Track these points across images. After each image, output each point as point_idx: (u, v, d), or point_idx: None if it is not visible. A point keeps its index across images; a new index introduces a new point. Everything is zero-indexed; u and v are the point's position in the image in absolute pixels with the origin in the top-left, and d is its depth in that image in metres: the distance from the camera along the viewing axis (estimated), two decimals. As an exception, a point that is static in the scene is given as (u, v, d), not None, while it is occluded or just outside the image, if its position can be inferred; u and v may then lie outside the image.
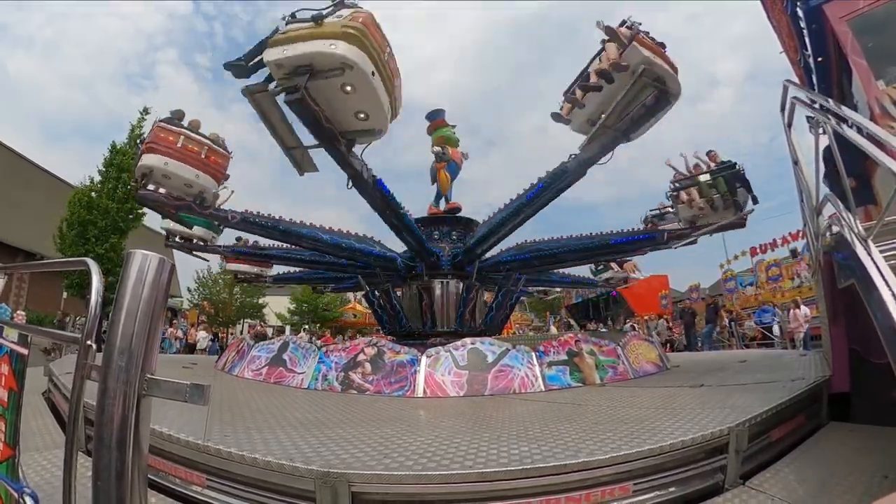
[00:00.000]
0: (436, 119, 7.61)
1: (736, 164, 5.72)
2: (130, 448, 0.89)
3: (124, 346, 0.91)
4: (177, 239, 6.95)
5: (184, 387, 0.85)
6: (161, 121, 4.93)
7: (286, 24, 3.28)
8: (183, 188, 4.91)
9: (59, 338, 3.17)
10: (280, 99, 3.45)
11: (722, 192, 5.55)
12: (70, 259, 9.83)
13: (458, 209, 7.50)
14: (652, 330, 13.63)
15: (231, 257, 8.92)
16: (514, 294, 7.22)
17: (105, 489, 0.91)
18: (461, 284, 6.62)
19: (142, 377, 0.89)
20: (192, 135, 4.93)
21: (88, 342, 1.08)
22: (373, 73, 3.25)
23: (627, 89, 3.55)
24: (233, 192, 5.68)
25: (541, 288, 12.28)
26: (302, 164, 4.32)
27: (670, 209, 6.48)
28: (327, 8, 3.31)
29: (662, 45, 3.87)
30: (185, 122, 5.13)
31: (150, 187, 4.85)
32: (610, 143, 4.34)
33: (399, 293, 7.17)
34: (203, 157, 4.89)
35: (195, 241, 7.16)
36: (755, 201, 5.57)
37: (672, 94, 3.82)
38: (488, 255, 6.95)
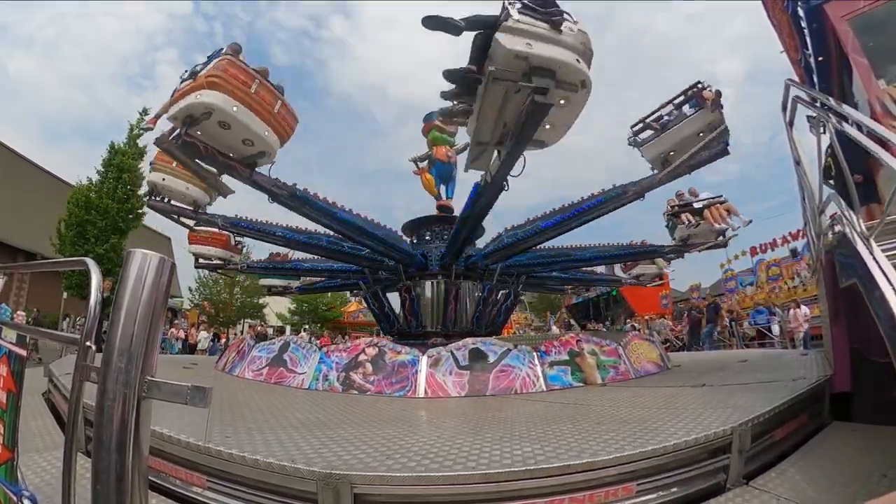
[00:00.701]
0: (431, 120, 7.61)
1: (721, 195, 6.79)
2: (130, 451, 0.88)
3: (124, 348, 0.90)
4: (163, 200, 5.91)
5: (184, 389, 0.84)
6: (228, 54, 4.00)
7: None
8: (239, 145, 4.14)
9: (57, 339, 3.13)
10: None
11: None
12: (69, 259, 9.81)
13: (450, 208, 7.51)
14: (653, 330, 13.62)
15: (199, 237, 7.95)
16: (503, 290, 7.15)
17: (105, 492, 0.90)
18: (444, 284, 6.59)
19: (142, 379, 0.88)
20: (266, 82, 4.14)
21: (87, 343, 1.07)
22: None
23: (486, 96, 3.39)
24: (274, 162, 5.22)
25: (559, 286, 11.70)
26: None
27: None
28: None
29: (557, 25, 3.94)
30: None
31: (198, 133, 3.98)
32: (671, 180, 5.10)
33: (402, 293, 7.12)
34: (276, 111, 4.17)
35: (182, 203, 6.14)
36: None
37: (569, 85, 3.72)
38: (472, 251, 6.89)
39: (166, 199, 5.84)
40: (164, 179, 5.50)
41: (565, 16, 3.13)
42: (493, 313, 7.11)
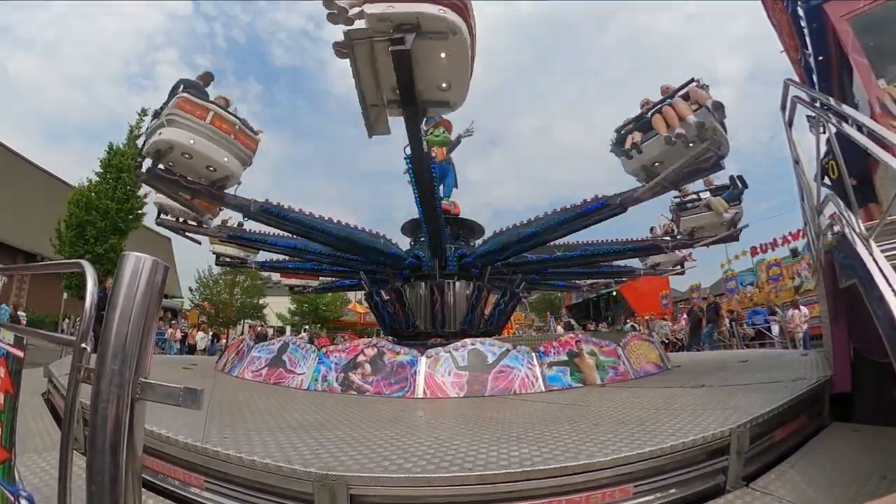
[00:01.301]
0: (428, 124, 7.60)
1: (729, 185, 6.32)
2: (124, 452, 0.88)
3: (118, 349, 0.89)
4: (168, 217, 6.28)
5: (177, 391, 0.84)
6: (186, 89, 4.42)
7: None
8: (205, 171, 4.54)
9: (54, 340, 3.13)
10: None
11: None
12: (65, 262, 9.82)
13: (445, 210, 7.50)
14: (653, 330, 13.60)
15: (222, 240, 7.91)
16: (493, 289, 7.12)
17: (99, 492, 0.89)
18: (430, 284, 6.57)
19: (135, 380, 0.88)
20: (223, 112, 4.49)
21: (83, 345, 1.06)
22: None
23: (695, 154, 3.64)
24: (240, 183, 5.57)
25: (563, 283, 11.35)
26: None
27: (695, 196, 6.52)
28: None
29: (721, 106, 3.93)
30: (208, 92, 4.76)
31: (161, 166, 4.48)
32: (660, 192, 4.89)
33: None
34: (233, 137, 4.51)
35: (188, 220, 6.43)
36: (720, 111, 5.56)
37: (723, 156, 4.10)
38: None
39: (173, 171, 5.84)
40: (192, 142, 4.66)
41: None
42: (488, 313, 7.12)
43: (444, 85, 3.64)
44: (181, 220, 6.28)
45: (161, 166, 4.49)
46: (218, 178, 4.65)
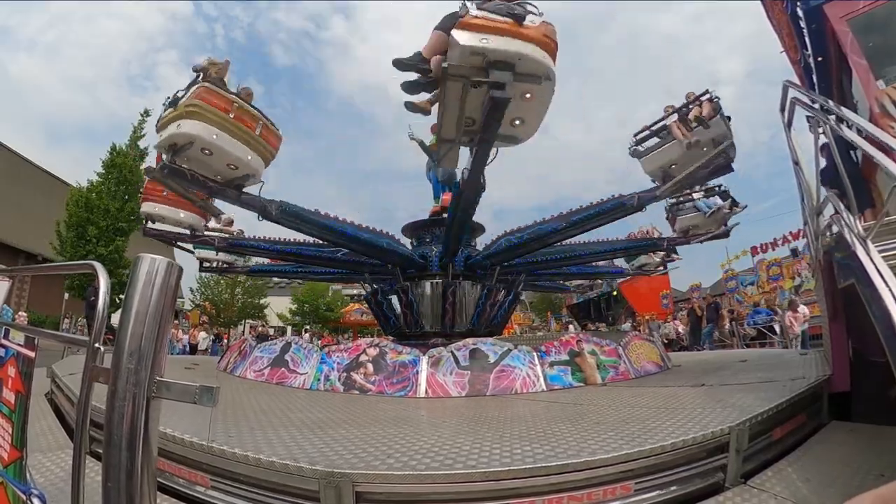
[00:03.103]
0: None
1: (721, 185, 6.57)
2: (140, 449, 0.91)
3: (133, 349, 0.92)
4: (151, 225, 6.15)
5: (193, 388, 0.87)
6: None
7: (164, 110, 3.95)
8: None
9: (67, 340, 3.17)
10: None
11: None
12: (76, 262, 9.85)
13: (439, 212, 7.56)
14: (654, 331, 13.62)
15: (219, 249, 7.70)
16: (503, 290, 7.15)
17: (115, 489, 0.92)
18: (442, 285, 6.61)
19: (151, 380, 0.91)
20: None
21: (96, 345, 1.09)
22: (216, 136, 3.88)
23: (445, 93, 3.33)
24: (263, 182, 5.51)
25: (550, 283, 11.45)
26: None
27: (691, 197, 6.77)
28: (184, 89, 3.96)
29: (519, 18, 3.81)
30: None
31: (178, 163, 4.28)
32: (677, 192, 5.17)
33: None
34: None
35: (183, 228, 6.31)
36: (735, 203, 6.35)
37: (733, 159, 4.33)
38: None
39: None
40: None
41: (528, 8, 3.08)
42: (491, 313, 7.13)
43: (517, 122, 3.51)
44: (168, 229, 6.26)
45: (178, 160, 4.07)
46: (237, 176, 4.35)
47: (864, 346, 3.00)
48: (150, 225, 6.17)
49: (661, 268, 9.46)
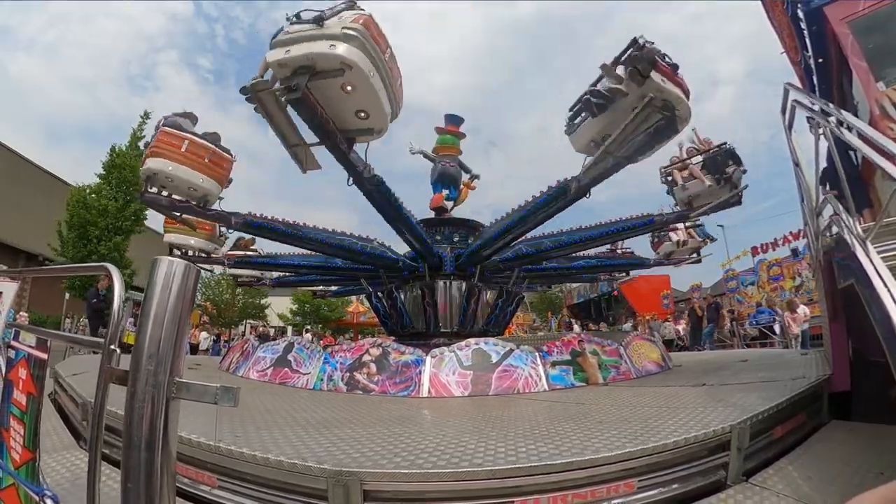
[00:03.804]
0: (455, 124, 7.76)
1: (726, 143, 5.71)
2: (160, 449, 0.93)
3: (152, 352, 0.94)
4: (178, 252, 7.11)
5: (213, 389, 0.89)
6: (165, 125, 5.04)
7: (290, 25, 3.43)
8: (187, 191, 5.01)
9: (82, 342, 3.21)
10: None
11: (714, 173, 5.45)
12: (91, 265, 9.88)
13: (444, 209, 7.60)
14: (654, 331, 13.64)
15: (230, 266, 8.67)
16: (488, 287, 7.23)
17: (135, 489, 0.94)
18: (463, 285, 6.70)
19: (170, 381, 0.93)
20: (197, 139, 5.04)
21: (112, 346, 1.11)
22: (372, 74, 3.44)
23: (633, 116, 3.48)
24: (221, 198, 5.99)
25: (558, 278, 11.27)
26: (305, 161, 4.49)
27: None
28: (330, 9, 3.46)
29: (675, 67, 3.70)
30: (197, 128, 5.28)
31: (154, 190, 4.98)
32: (613, 168, 4.39)
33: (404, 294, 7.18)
34: (207, 161, 5.02)
35: (196, 253, 7.35)
36: (742, 170, 5.32)
37: (681, 118, 3.78)
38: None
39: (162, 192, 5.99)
40: (170, 168, 5.18)
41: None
42: (501, 314, 7.19)
43: (362, 114, 3.66)
44: (191, 253, 7.09)
45: (154, 189, 5.03)
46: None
47: (865, 346, 3.02)
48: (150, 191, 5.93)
49: (695, 255, 7.86)
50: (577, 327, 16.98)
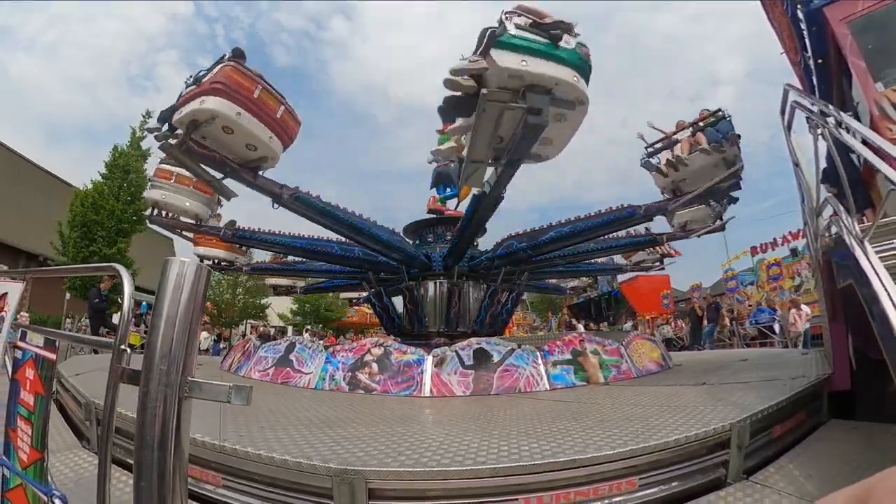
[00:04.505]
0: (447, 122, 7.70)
1: (720, 110, 5.06)
2: (172, 450, 0.94)
3: (165, 352, 0.95)
4: (163, 214, 5.91)
5: (225, 388, 0.90)
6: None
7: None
8: (242, 150, 4.18)
9: (91, 343, 3.25)
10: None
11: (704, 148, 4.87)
12: (99, 265, 9.86)
13: (440, 211, 7.60)
14: (654, 330, 13.66)
15: (216, 240, 7.40)
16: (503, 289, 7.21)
17: (147, 488, 0.95)
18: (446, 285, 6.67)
19: (182, 380, 0.94)
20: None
21: (122, 346, 1.13)
22: (238, 114, 3.85)
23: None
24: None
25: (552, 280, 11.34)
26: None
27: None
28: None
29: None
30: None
31: (158, 213, 5.54)
32: (506, 173, 3.95)
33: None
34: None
35: (193, 218, 6.08)
36: (735, 141, 4.63)
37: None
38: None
39: (167, 214, 5.96)
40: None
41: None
42: (495, 313, 7.18)
43: (251, 147, 3.79)
44: (170, 215, 5.94)
45: (157, 212, 5.15)
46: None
47: (865, 346, 3.04)
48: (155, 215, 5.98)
49: (659, 264, 9.09)
50: (580, 327, 17.01)
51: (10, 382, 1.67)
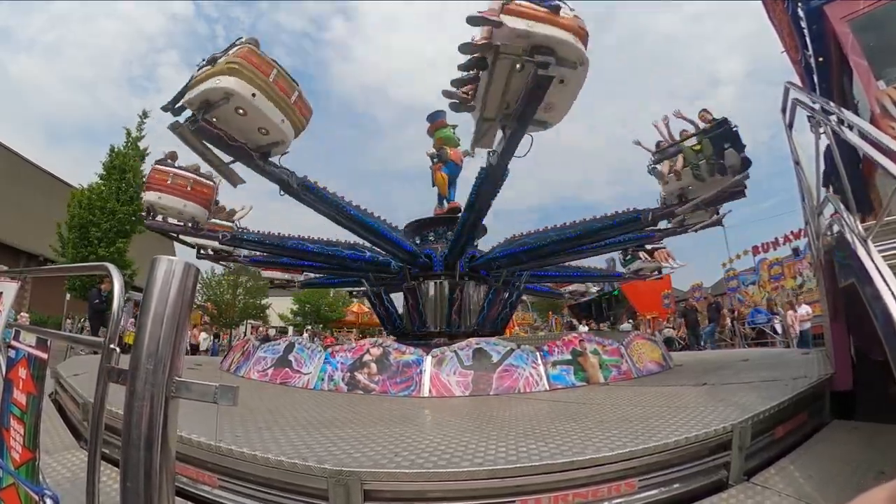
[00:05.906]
0: (436, 120, 7.63)
1: (726, 119, 4.99)
2: (158, 449, 0.92)
3: (152, 351, 0.94)
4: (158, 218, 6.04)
5: (212, 388, 0.89)
6: (156, 163, 5.90)
7: (198, 69, 4.00)
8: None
9: (81, 342, 3.23)
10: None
11: (707, 156, 4.82)
12: (89, 265, 9.83)
13: (459, 209, 7.52)
14: (654, 330, 13.63)
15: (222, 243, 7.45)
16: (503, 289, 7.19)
17: (134, 489, 0.94)
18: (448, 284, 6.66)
19: (169, 380, 0.92)
20: (180, 172, 5.76)
21: (112, 346, 1.11)
22: (253, 95, 3.83)
23: (493, 71, 3.48)
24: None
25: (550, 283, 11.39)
26: (231, 178, 5.14)
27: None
28: (223, 50, 4.02)
29: (555, 9, 3.32)
30: (180, 163, 5.97)
31: (155, 217, 5.89)
32: (514, 136, 3.97)
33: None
34: (189, 189, 5.71)
35: (188, 223, 6.13)
36: (746, 163, 4.65)
37: (568, 62, 3.34)
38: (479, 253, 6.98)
39: (164, 218, 6.07)
40: (159, 198, 5.82)
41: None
42: (496, 313, 7.16)
43: (262, 131, 3.85)
44: (168, 220, 6.04)
45: (153, 215, 5.46)
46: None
47: (866, 346, 3.02)
48: (153, 218, 6.01)
49: (657, 273, 9.33)
50: (582, 327, 16.99)
51: (4, 382, 1.66)
